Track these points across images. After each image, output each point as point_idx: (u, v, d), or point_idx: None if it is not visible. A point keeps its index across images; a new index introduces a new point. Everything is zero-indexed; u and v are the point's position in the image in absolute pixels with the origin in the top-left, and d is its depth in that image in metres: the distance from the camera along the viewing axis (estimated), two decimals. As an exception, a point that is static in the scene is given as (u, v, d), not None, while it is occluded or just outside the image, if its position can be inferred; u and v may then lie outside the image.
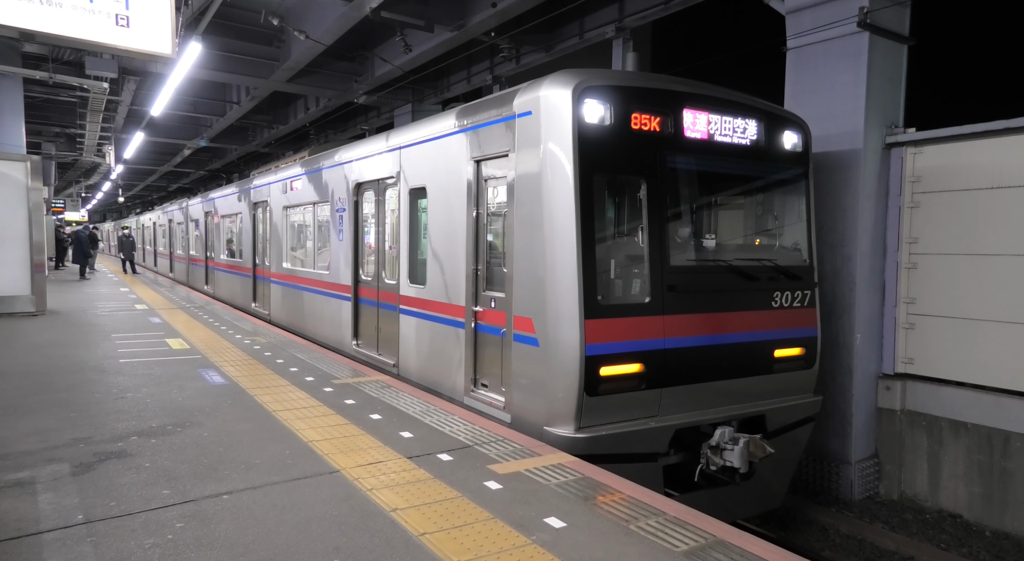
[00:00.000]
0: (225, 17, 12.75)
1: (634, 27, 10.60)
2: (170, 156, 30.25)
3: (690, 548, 3.23)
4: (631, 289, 5.35)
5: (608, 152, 5.10)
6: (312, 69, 14.92)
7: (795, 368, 6.11)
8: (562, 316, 4.90)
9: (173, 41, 7.38)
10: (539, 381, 5.09)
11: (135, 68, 14.94)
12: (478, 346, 6.00)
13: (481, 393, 5.95)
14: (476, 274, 6.00)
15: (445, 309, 6.46)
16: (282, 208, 11.71)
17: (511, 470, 4.26)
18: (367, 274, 8.50)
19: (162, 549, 3.11)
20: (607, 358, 4.94)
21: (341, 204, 9.07)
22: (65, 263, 27.84)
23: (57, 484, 3.89)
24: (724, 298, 5.62)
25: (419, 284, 7.04)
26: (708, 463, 5.37)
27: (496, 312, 5.72)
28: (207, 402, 5.81)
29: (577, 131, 4.92)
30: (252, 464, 4.27)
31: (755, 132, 5.89)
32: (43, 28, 6.71)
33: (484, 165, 5.94)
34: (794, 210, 6.38)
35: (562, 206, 4.94)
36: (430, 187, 6.77)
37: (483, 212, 5.99)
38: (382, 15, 10.51)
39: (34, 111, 19.06)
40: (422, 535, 3.31)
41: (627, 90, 5.23)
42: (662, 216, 5.33)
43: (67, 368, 7.19)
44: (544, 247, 5.02)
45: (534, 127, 5.18)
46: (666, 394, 5.28)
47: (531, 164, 5.20)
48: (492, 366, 5.80)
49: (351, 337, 8.78)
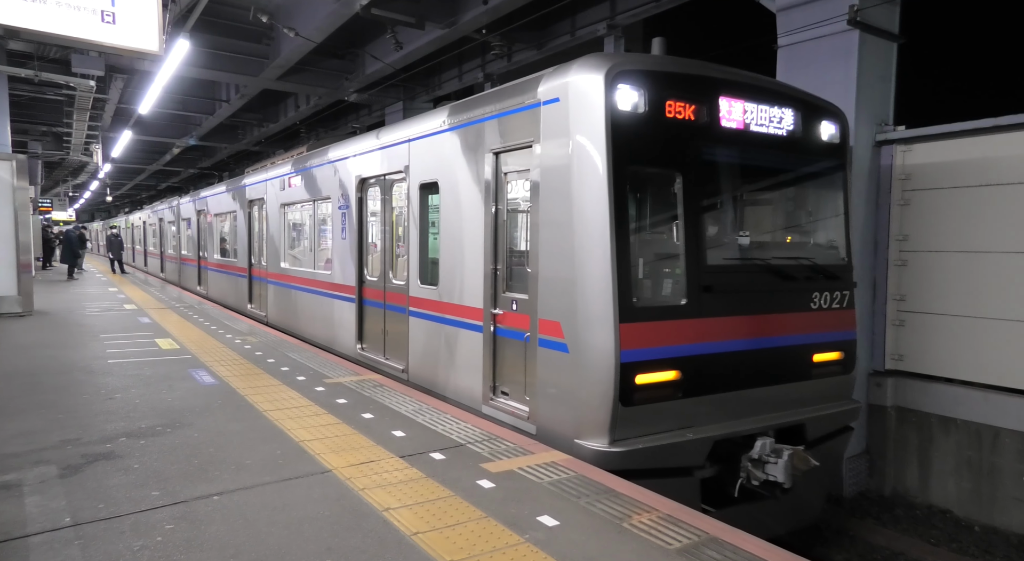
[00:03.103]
0: (213, 14, 12.65)
1: (626, 25, 10.61)
2: (159, 155, 30.03)
3: (683, 545, 3.23)
4: (666, 290, 5.02)
5: (642, 142, 4.73)
6: (302, 67, 14.85)
7: (834, 373, 5.77)
8: (594, 320, 4.56)
9: (160, 38, 7.30)
10: (568, 390, 4.73)
11: (122, 66, 14.81)
12: (497, 351, 5.65)
13: (501, 402, 5.59)
14: (495, 274, 5.65)
15: (460, 311, 6.10)
16: (280, 206, 11.33)
17: (504, 468, 4.25)
18: (372, 274, 8.15)
19: (151, 551, 3.07)
20: (642, 365, 4.59)
21: (344, 201, 8.69)
22: (53, 263, 27.57)
23: (44, 486, 3.84)
24: (761, 299, 5.28)
25: (430, 285, 6.67)
26: (749, 477, 4.98)
27: (518, 315, 5.38)
28: (197, 402, 5.76)
29: (610, 120, 4.56)
30: (243, 464, 4.24)
31: (791, 122, 5.53)
32: (27, 25, 6.62)
33: (504, 157, 5.59)
34: (831, 205, 6.04)
35: (594, 201, 4.58)
36: (443, 182, 6.39)
37: (502, 208, 5.62)
38: (372, 12, 10.45)
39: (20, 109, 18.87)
40: (415, 534, 3.29)
41: (662, 76, 4.86)
42: (698, 212, 4.98)
43: (55, 369, 7.12)
44: (574, 245, 4.68)
45: (561, 115, 4.82)
46: (702, 403, 4.93)
47: (558, 155, 4.84)
48: (514, 373, 5.44)
49: (355, 340, 8.42)
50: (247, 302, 13.36)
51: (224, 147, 26.26)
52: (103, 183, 41.61)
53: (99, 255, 39.68)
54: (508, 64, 13.21)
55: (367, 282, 8.23)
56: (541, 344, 4.98)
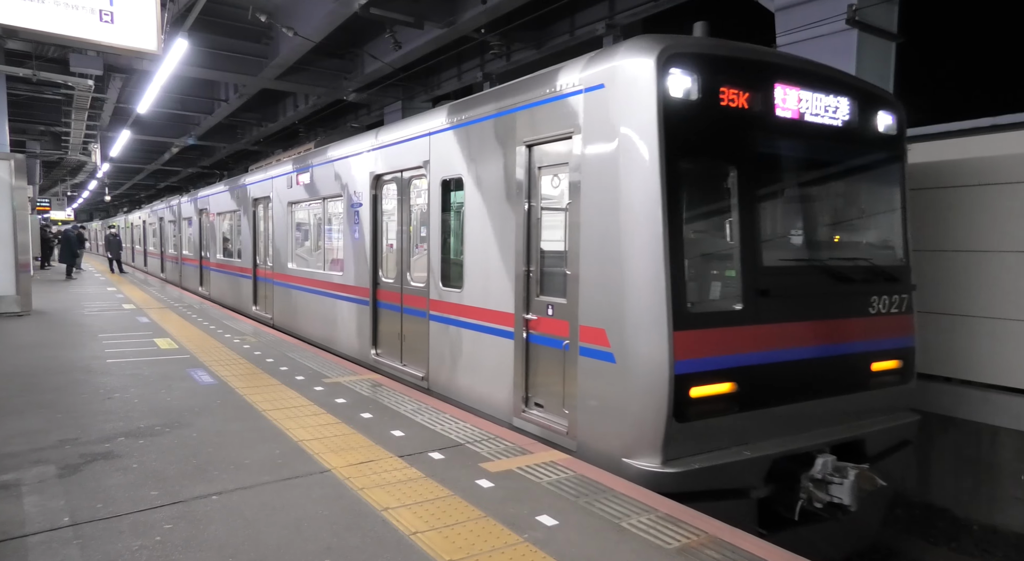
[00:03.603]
0: (212, 13, 12.64)
1: (624, 24, 10.62)
2: (157, 154, 30.03)
3: (682, 545, 3.23)
4: (721, 294, 4.62)
5: (696, 133, 4.38)
6: (301, 66, 14.85)
7: (892, 383, 5.36)
8: (645, 327, 4.18)
9: (159, 37, 7.31)
10: (615, 404, 4.35)
11: (121, 65, 14.80)
12: (530, 359, 5.25)
13: (535, 414, 5.18)
14: (527, 277, 5.26)
15: (487, 316, 5.71)
16: (287, 204, 10.90)
17: (503, 468, 4.25)
18: (388, 276, 7.71)
19: (150, 551, 3.07)
20: (697, 377, 4.23)
21: (357, 199, 8.27)
22: (51, 263, 27.55)
23: (43, 486, 3.83)
24: (819, 303, 4.90)
25: (454, 287, 6.25)
26: (811, 499, 4.53)
27: (554, 321, 4.97)
28: (196, 402, 5.76)
29: (662, 108, 4.18)
30: (242, 464, 4.23)
31: (847, 111, 5.12)
32: (26, 24, 6.62)
33: (538, 150, 5.19)
34: (888, 201, 5.62)
35: (644, 197, 4.20)
36: (468, 177, 5.99)
37: (536, 205, 5.23)
38: (372, 12, 10.45)
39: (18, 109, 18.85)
40: (414, 534, 3.29)
41: (716, 60, 4.48)
42: (754, 209, 4.60)
43: (53, 369, 7.11)
44: (621, 246, 4.31)
45: (607, 103, 4.44)
46: (759, 418, 4.56)
47: (603, 147, 4.46)
48: (550, 383, 5.04)
49: (369, 346, 7.98)
50: (252, 304, 12.99)
51: (223, 147, 26.25)
52: (102, 183, 41.59)
53: (98, 254, 39.65)
54: (507, 64, 13.21)
55: (382, 284, 7.84)
56: (583, 353, 4.61)
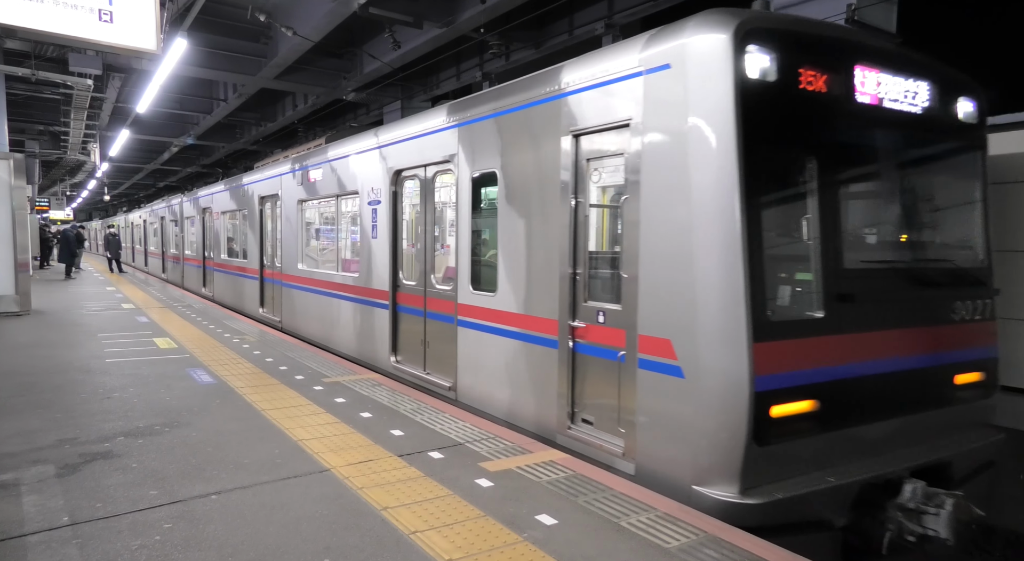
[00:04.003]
0: (211, 13, 12.65)
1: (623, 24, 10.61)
2: (156, 154, 30.02)
3: (681, 544, 3.23)
4: (801, 301, 4.17)
5: (775, 119, 4.00)
6: (300, 66, 14.84)
7: (974, 398, 4.91)
8: (720, 338, 3.78)
9: (158, 37, 7.31)
10: (684, 424, 3.94)
11: (120, 65, 14.80)
12: (577, 371, 4.83)
13: (584, 432, 4.75)
14: (574, 280, 4.84)
15: (526, 323, 5.31)
16: (297, 202, 10.45)
17: (502, 467, 4.25)
18: (409, 278, 7.26)
19: (149, 550, 3.07)
20: (779, 394, 3.82)
21: (375, 195, 7.82)
22: (50, 262, 27.54)
23: (42, 486, 3.83)
24: (901, 310, 4.49)
25: (486, 291, 5.83)
26: (900, 531, 4.06)
27: (607, 329, 4.56)
28: (195, 402, 5.76)
29: (740, 90, 3.79)
30: (241, 464, 4.23)
31: (927, 97, 4.68)
32: (25, 23, 6.62)
33: (587, 140, 4.75)
34: (968, 196, 5.20)
35: (720, 190, 3.80)
36: (503, 171, 5.57)
37: (584, 201, 4.79)
38: (370, 11, 10.44)
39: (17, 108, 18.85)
40: (413, 533, 3.29)
41: (796, 37, 4.06)
42: (835, 205, 4.21)
43: (52, 368, 7.11)
44: (692, 246, 3.90)
45: (674, 86, 4.03)
46: (841, 439, 4.15)
47: (668, 135, 4.06)
48: (601, 398, 4.64)
49: (388, 352, 7.54)
50: (259, 306, 12.50)
51: (222, 146, 26.24)
52: (101, 182, 41.56)
53: (98, 254, 39.63)
54: (506, 63, 13.20)
55: (403, 286, 7.38)
56: (643, 366, 4.20)
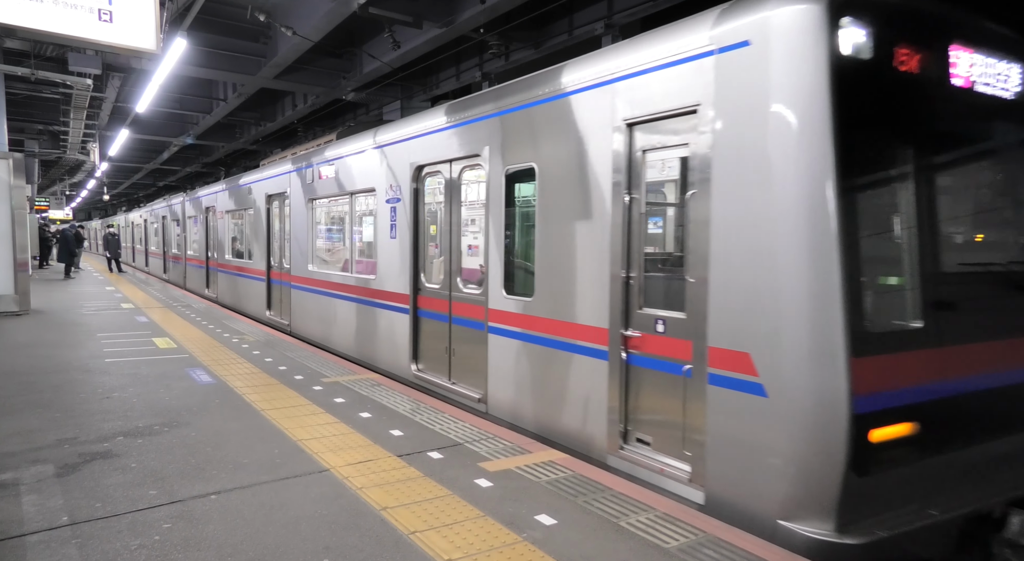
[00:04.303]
0: (211, 13, 12.64)
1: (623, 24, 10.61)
2: (156, 153, 30.00)
3: (680, 544, 3.24)
4: (899, 309, 3.74)
5: (871, 103, 3.59)
6: (299, 66, 14.83)
7: None
8: (813, 352, 3.33)
9: (158, 37, 7.30)
10: (767, 449, 3.49)
11: (119, 64, 14.79)
12: (631, 385, 4.42)
13: (639, 453, 4.33)
14: (626, 285, 4.42)
15: (569, 331, 4.92)
16: (307, 201, 10.00)
17: (502, 467, 4.25)
18: (432, 280, 6.85)
19: (149, 550, 3.08)
20: (879, 416, 3.38)
21: (394, 193, 7.40)
22: (50, 262, 27.54)
23: (41, 485, 3.84)
24: (1003, 319, 4.09)
25: (522, 296, 5.45)
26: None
27: (668, 340, 4.13)
28: (195, 401, 5.76)
29: (834, 69, 3.38)
30: (240, 464, 4.24)
31: (1020, 80, 4.24)
32: (25, 23, 6.61)
33: (643, 130, 4.34)
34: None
35: (811, 183, 3.37)
36: (543, 166, 5.18)
37: (639, 197, 4.38)
38: (370, 11, 10.44)
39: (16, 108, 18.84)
40: (412, 533, 3.29)
41: (891, 10, 3.66)
42: (933, 200, 3.80)
43: (51, 368, 7.10)
44: (777, 245, 3.46)
45: (754, 65, 3.60)
46: (942, 466, 3.73)
47: (747, 122, 3.64)
48: (661, 416, 4.23)
49: (409, 359, 7.13)
50: (266, 308, 12.03)
51: (221, 146, 26.22)
52: (100, 182, 41.54)
53: (97, 254, 39.61)
54: (506, 63, 13.20)
55: (425, 290, 6.94)
56: (715, 382, 3.78)
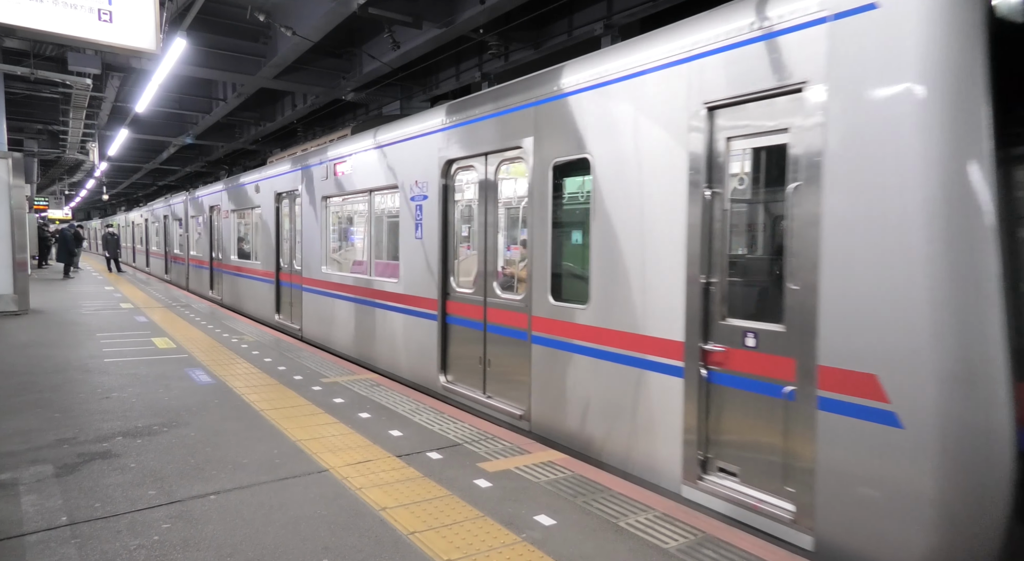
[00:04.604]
0: (210, 13, 12.64)
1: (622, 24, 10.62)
2: (155, 153, 29.97)
3: (679, 544, 3.24)
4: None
5: None
6: (299, 66, 14.83)
7: None
8: (964, 374, 2.85)
9: (157, 37, 7.30)
10: (901, 490, 3.00)
11: (119, 64, 14.78)
12: (712, 406, 3.95)
13: (724, 485, 3.83)
14: (706, 291, 3.95)
15: (632, 343, 4.45)
16: (320, 199, 9.56)
17: (501, 468, 4.25)
18: (463, 285, 6.44)
19: (148, 550, 3.08)
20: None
21: (419, 190, 6.92)
22: (49, 261, 27.52)
23: (40, 485, 3.84)
24: None
25: (573, 303, 5.00)
26: None
27: (762, 356, 3.65)
28: (194, 401, 5.76)
29: (990, 37, 2.92)
30: (240, 464, 4.24)
31: None
32: (24, 23, 6.61)
33: (728, 114, 3.83)
34: None
35: (963, 172, 2.90)
36: (600, 157, 4.71)
37: (722, 191, 3.89)
38: (370, 11, 10.44)
39: (15, 107, 18.83)
40: (411, 534, 3.30)
41: None
42: None
43: (50, 368, 7.10)
44: (915, 247, 2.96)
45: (884, 33, 3.08)
46: None
47: (874, 101, 3.12)
48: (753, 444, 3.72)
49: (436, 370, 6.70)
50: (274, 312, 11.59)
51: (220, 146, 26.20)
52: (99, 181, 41.51)
53: (96, 254, 39.59)
54: (505, 64, 13.21)
55: (455, 295, 6.50)
56: (828, 408, 3.28)
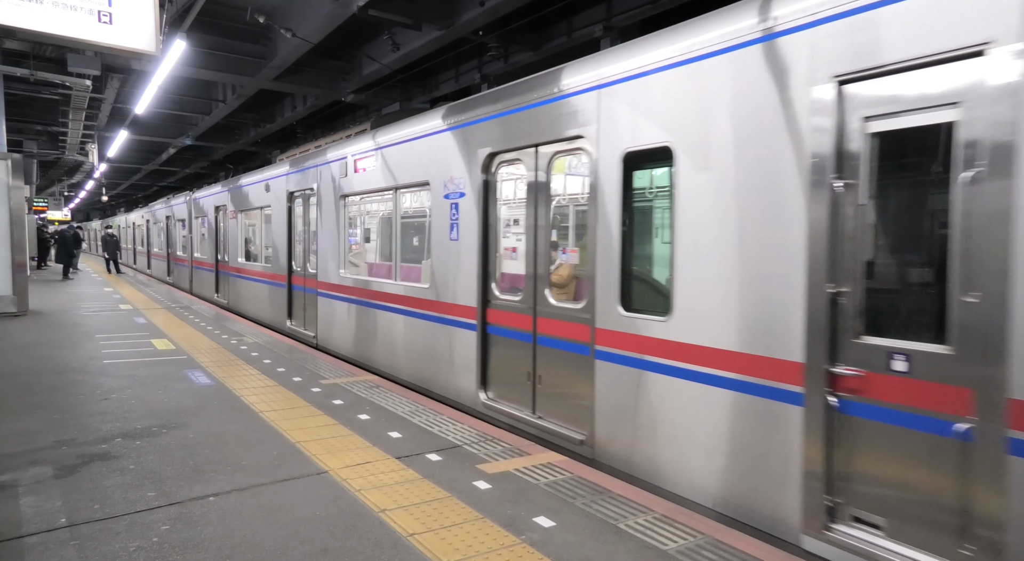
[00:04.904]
0: (210, 14, 12.64)
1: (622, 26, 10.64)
2: (155, 155, 29.97)
3: (679, 546, 3.24)
4: None
5: None
6: (299, 67, 14.84)
7: None
8: None
9: (157, 38, 7.32)
10: None
11: (118, 65, 14.78)
12: (842, 442, 3.31)
13: (862, 539, 3.21)
14: (833, 304, 3.34)
15: (730, 363, 3.80)
16: (339, 198, 8.96)
17: (500, 469, 4.25)
18: (507, 291, 5.85)
19: (147, 552, 3.07)
20: None
21: (455, 187, 6.32)
22: (48, 263, 27.51)
23: (40, 487, 3.83)
24: None
25: (650, 314, 4.35)
26: None
27: (916, 384, 3.06)
28: (193, 403, 5.76)
29: None
30: (239, 465, 4.24)
31: None
32: (24, 24, 6.62)
33: (865, 87, 3.25)
34: None
35: None
36: (686, 144, 4.07)
37: (856, 182, 3.28)
38: (370, 13, 10.45)
39: (15, 108, 18.82)
40: (411, 536, 3.30)
41: None
42: None
43: (50, 369, 7.10)
44: None
45: None
46: None
47: None
48: (902, 491, 3.11)
49: (476, 386, 6.07)
50: (286, 318, 10.94)
51: (220, 147, 26.20)
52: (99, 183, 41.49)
53: (96, 255, 39.58)
54: (505, 65, 13.23)
55: (497, 302, 5.89)
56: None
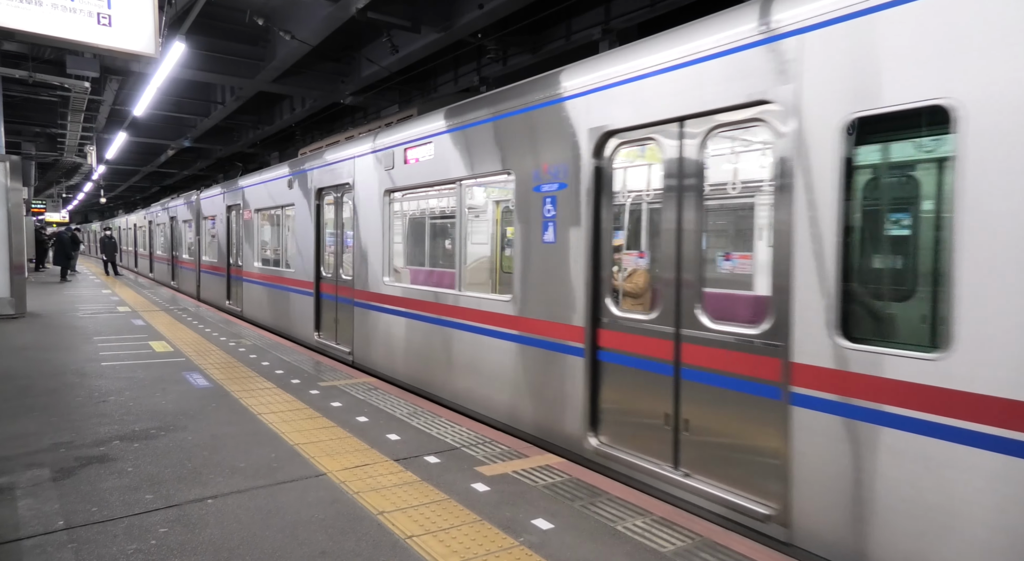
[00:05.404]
0: (209, 16, 12.64)
1: (620, 29, 10.66)
2: (153, 156, 29.96)
3: (676, 548, 3.24)
4: None
5: None
6: (298, 69, 14.85)
7: None
8: None
9: (156, 40, 7.32)
10: None
11: (117, 67, 14.78)
12: None
13: None
14: None
15: (900, 395, 2.98)
16: (383, 193, 7.65)
17: (499, 472, 4.26)
18: (635, 309, 4.59)
19: (145, 554, 3.07)
20: None
21: (551, 177, 5.09)
22: (46, 265, 27.46)
23: (37, 489, 3.83)
24: None
25: (889, 345, 3.16)
26: None
27: None
28: (191, 405, 5.75)
29: None
30: (237, 468, 4.23)
31: None
32: (23, 26, 6.62)
33: None
34: None
35: None
36: (980, 101, 2.76)
37: None
38: (368, 16, 10.46)
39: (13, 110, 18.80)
40: (409, 538, 3.30)
41: None
42: None
43: (48, 372, 7.09)
44: None
45: None
46: None
47: None
48: None
49: (583, 425, 4.77)
50: (313, 330, 9.66)
51: (219, 149, 26.20)
52: (97, 185, 41.45)
53: (94, 257, 39.53)
54: (504, 68, 13.24)
55: (614, 322, 4.58)
56: None
